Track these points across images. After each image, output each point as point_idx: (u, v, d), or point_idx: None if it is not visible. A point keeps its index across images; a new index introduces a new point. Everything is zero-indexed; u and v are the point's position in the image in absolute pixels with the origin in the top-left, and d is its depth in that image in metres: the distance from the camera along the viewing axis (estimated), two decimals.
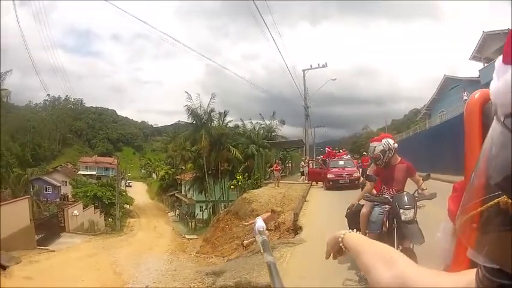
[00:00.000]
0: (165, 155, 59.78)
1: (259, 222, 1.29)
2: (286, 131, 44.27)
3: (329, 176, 18.13)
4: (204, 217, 36.60)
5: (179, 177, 49.16)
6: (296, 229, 9.73)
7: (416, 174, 4.97)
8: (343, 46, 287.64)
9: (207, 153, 34.43)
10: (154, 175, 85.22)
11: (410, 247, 4.36)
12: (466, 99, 1.11)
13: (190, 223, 37.83)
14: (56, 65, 54.50)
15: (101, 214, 35.29)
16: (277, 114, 40.61)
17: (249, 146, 34.40)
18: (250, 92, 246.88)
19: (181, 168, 46.89)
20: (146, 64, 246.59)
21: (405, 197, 4.51)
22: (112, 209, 37.49)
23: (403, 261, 0.72)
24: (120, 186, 45.79)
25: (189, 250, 19.34)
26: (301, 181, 22.69)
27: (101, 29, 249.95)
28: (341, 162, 19.40)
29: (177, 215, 46.87)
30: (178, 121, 50.89)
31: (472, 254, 0.46)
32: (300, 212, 11.15)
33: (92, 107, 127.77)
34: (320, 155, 28.16)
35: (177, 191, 52.12)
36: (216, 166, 35.85)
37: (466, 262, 0.88)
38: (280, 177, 22.58)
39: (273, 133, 38.81)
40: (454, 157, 10.16)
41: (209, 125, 35.88)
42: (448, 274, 0.64)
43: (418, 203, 4.55)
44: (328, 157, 22.12)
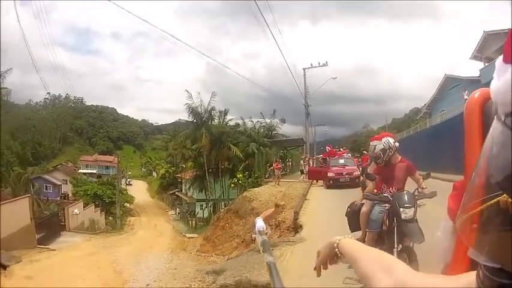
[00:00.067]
0: (165, 153, 59.83)
1: (259, 223, 1.29)
2: (287, 130, 44.30)
3: (329, 174, 18.13)
4: (204, 215, 36.60)
5: (179, 175, 49.14)
6: (296, 227, 9.73)
7: (416, 173, 4.96)
8: (343, 45, 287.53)
9: (208, 151, 34.39)
10: (154, 173, 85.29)
11: (411, 246, 4.36)
12: (466, 99, 1.11)
13: (190, 221, 37.84)
14: (56, 64, 54.60)
15: (101, 213, 35.37)
16: (278, 113, 40.53)
17: (250, 144, 34.33)
18: (251, 90, 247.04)
19: (182, 167, 46.84)
20: (146, 62, 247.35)
21: (405, 196, 4.50)
22: (112, 207, 37.58)
23: (402, 268, 0.72)
24: (121, 184, 45.94)
25: (190, 249, 19.34)
26: (301, 180, 22.68)
27: (101, 27, 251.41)
28: (341, 161, 19.41)
29: (177, 214, 46.89)
30: (179, 119, 50.78)
31: (472, 253, 0.46)
32: (300, 210, 11.16)
33: (93, 105, 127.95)
34: (320, 154, 28.15)
35: (177, 190, 52.08)
36: (216, 164, 35.80)
37: (466, 260, 0.89)
38: (281, 175, 22.58)
39: (274, 131, 38.74)
40: (455, 156, 10.14)
41: (210, 123, 35.81)
42: (448, 277, 0.64)
43: (418, 201, 4.55)
44: (328, 156, 22.12)
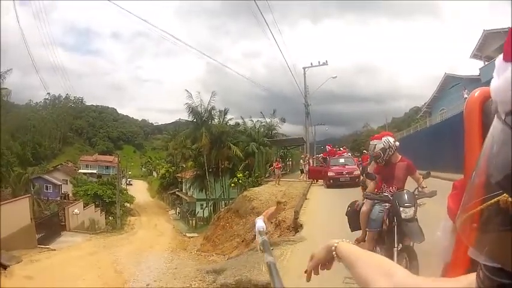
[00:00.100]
0: (165, 153, 59.79)
1: (259, 223, 1.28)
2: (287, 129, 44.26)
3: (329, 174, 18.11)
4: (204, 215, 36.58)
5: (180, 175, 49.14)
6: (296, 227, 9.72)
7: (416, 172, 4.95)
8: (343, 44, 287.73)
9: (208, 151, 34.38)
10: (154, 173, 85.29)
11: (411, 245, 4.35)
12: (466, 98, 1.10)
13: (190, 221, 37.84)
14: (56, 64, 54.55)
15: (101, 212, 35.36)
16: (278, 112, 40.56)
17: (250, 144, 34.30)
18: (251, 90, 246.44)
19: (182, 166, 46.83)
20: (146, 62, 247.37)
21: (405, 195, 4.50)
22: (113, 207, 37.58)
23: (402, 272, 0.72)
24: (121, 184, 45.91)
25: (190, 248, 19.34)
26: (301, 179, 22.66)
27: (101, 27, 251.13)
28: (341, 160, 19.40)
29: (177, 213, 46.86)
30: (179, 119, 50.73)
31: (473, 252, 0.46)
32: (300, 209, 11.15)
33: (93, 105, 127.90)
34: (320, 153, 28.15)
35: (177, 189, 52.09)
36: (216, 164, 35.78)
37: (466, 260, 0.88)
38: (281, 175, 22.57)
39: (274, 131, 38.73)
40: (455, 155, 10.14)
41: (210, 123, 35.78)
42: (447, 279, 0.64)
43: (418, 201, 4.54)
44: (328, 155, 22.11)
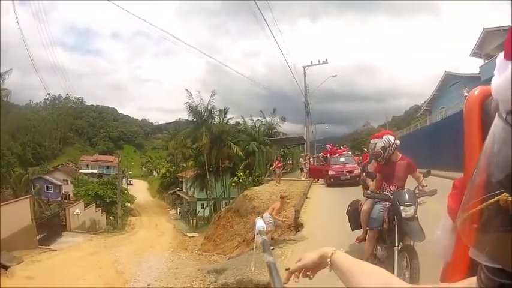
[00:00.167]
0: (166, 152, 59.77)
1: (259, 223, 1.28)
2: (287, 128, 44.09)
3: (330, 172, 18.10)
4: (205, 215, 36.62)
5: (180, 174, 49.17)
6: (297, 226, 9.72)
7: (417, 171, 4.95)
8: (343, 43, 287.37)
9: (208, 150, 34.38)
10: (155, 173, 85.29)
11: (411, 244, 4.35)
12: (466, 96, 1.09)
13: (191, 221, 37.86)
14: (56, 64, 54.56)
15: (102, 213, 35.36)
16: (278, 111, 40.43)
17: (250, 143, 34.30)
18: (251, 89, 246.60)
19: (182, 166, 46.86)
20: (146, 62, 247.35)
21: (406, 194, 4.50)
22: (113, 207, 37.54)
23: (399, 284, 0.71)
24: (121, 184, 45.90)
25: (191, 248, 19.33)
26: (302, 178, 22.64)
27: (101, 27, 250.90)
28: (342, 159, 19.40)
29: (178, 213, 46.88)
30: (179, 119, 50.93)
31: (473, 253, 0.46)
32: (301, 209, 11.15)
33: (93, 105, 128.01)
34: (321, 152, 28.14)
35: (178, 189, 52.14)
36: (217, 163, 35.78)
37: (466, 259, 0.88)
38: (281, 174, 22.55)
39: (274, 130, 38.68)
40: (455, 154, 10.11)
41: (210, 122, 35.77)
42: (447, 284, 0.64)
43: (418, 199, 4.54)
44: (329, 154, 22.09)
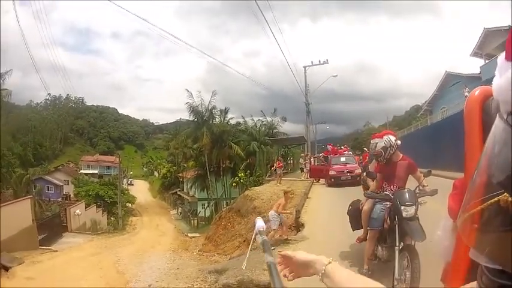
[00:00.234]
0: (166, 152, 59.87)
1: (259, 222, 1.27)
2: (288, 128, 44.14)
3: (331, 172, 18.09)
4: (206, 215, 36.60)
5: (181, 175, 49.17)
6: (298, 226, 9.70)
7: (417, 171, 4.95)
8: (344, 43, 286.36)
9: (209, 150, 34.41)
10: (156, 173, 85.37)
11: (412, 244, 4.34)
12: (467, 96, 1.10)
13: (192, 221, 37.85)
14: (56, 64, 54.62)
15: (103, 213, 35.40)
16: (279, 111, 40.46)
17: (251, 143, 34.33)
18: (252, 89, 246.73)
19: (183, 166, 46.92)
20: (147, 62, 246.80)
21: (406, 194, 4.49)
22: (114, 207, 37.58)
23: None
24: (122, 184, 45.91)
25: (192, 248, 19.34)
26: (303, 178, 22.64)
27: (101, 27, 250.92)
28: (343, 159, 19.38)
29: (179, 213, 46.88)
30: (180, 119, 51.01)
31: (473, 254, 0.46)
32: (302, 209, 11.14)
33: (93, 105, 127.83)
34: (322, 152, 28.13)
35: (179, 189, 52.14)
36: (217, 163, 35.81)
37: (467, 259, 0.88)
38: (282, 174, 22.54)
39: (275, 130, 38.74)
40: (456, 154, 10.10)
41: (210, 122, 35.82)
42: None
43: (419, 199, 4.54)
44: (329, 154, 22.07)
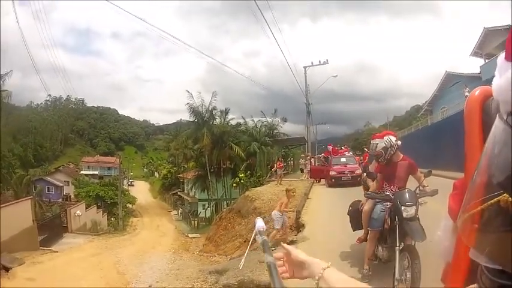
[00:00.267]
0: (167, 153, 59.98)
1: (259, 223, 1.27)
2: (288, 128, 44.17)
3: (331, 173, 18.06)
4: (206, 215, 36.63)
5: (181, 175, 49.21)
6: (298, 227, 9.69)
7: (418, 171, 4.95)
8: (344, 43, 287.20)
9: (209, 151, 34.42)
10: (156, 174, 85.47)
11: (412, 244, 4.34)
12: (467, 96, 1.10)
13: (193, 222, 37.85)
14: (56, 65, 54.58)
15: (103, 214, 35.39)
16: (279, 112, 40.45)
17: (251, 143, 34.34)
18: (252, 89, 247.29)
19: (184, 167, 46.94)
20: (147, 62, 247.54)
21: (407, 194, 4.49)
22: (115, 208, 37.58)
23: None
24: (123, 185, 45.94)
25: (192, 249, 19.32)
26: (303, 179, 22.62)
27: (101, 27, 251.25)
28: (343, 159, 19.36)
29: (179, 214, 46.87)
30: (180, 119, 51.12)
31: (473, 254, 0.46)
32: (302, 209, 11.13)
33: (94, 106, 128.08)
34: (322, 152, 28.13)
35: (179, 190, 52.16)
36: (218, 164, 35.82)
37: (467, 259, 0.88)
38: (283, 174, 22.52)
39: (275, 130, 38.74)
40: (456, 154, 10.08)
41: (211, 123, 35.83)
42: None
43: (419, 199, 4.54)
44: (330, 154, 22.06)
